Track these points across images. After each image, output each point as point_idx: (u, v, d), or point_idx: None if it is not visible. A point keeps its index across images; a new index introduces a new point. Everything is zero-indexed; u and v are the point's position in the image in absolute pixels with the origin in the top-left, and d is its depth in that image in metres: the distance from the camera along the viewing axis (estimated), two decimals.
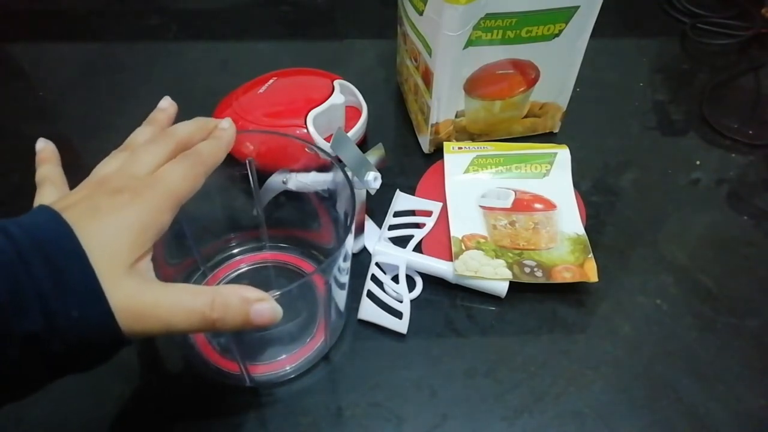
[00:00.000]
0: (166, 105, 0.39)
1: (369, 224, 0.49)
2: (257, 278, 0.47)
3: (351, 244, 0.42)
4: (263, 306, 0.29)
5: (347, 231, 0.37)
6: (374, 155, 0.46)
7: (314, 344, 0.43)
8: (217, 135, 0.36)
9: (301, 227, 0.49)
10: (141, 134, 0.36)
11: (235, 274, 0.47)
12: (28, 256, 0.26)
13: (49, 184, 0.34)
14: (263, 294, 0.30)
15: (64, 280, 0.26)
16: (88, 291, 0.26)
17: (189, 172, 0.32)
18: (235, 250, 0.48)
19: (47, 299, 0.25)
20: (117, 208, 0.29)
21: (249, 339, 0.42)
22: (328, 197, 0.43)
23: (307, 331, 0.43)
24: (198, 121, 0.37)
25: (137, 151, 0.33)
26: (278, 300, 0.31)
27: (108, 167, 0.33)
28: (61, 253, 0.26)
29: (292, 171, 0.44)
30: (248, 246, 0.48)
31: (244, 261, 0.47)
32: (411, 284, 0.46)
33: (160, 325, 0.28)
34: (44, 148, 0.37)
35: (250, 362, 0.41)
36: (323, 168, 0.42)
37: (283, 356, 0.42)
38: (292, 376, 0.41)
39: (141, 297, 0.28)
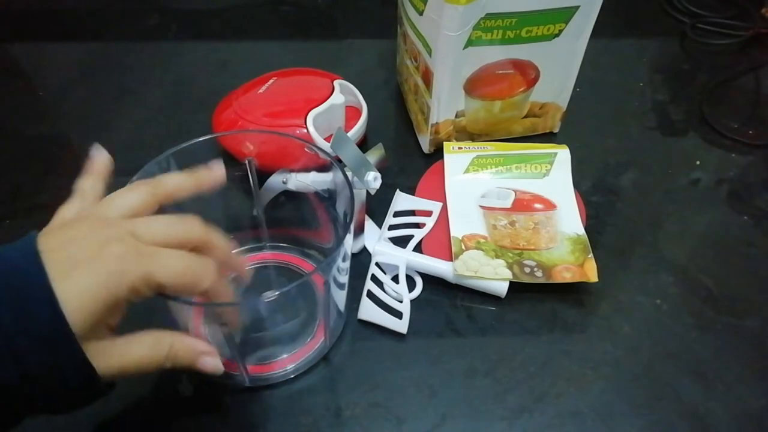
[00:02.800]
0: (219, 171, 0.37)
1: (369, 224, 0.49)
2: (257, 278, 0.47)
3: (350, 244, 0.42)
4: (207, 359, 0.33)
5: (346, 230, 0.37)
6: (374, 155, 0.46)
7: (314, 344, 0.43)
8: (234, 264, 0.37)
9: (301, 227, 0.49)
10: (172, 178, 0.35)
11: (235, 273, 0.47)
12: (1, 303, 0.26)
13: (79, 199, 0.34)
14: (212, 349, 0.33)
15: (39, 330, 0.26)
16: (63, 341, 0.27)
17: (188, 272, 0.31)
18: (235, 250, 0.48)
19: (18, 350, 0.26)
20: (97, 259, 0.28)
21: (248, 340, 0.42)
22: (327, 197, 0.43)
23: (306, 331, 0.43)
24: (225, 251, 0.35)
25: (158, 217, 0.32)
26: (277, 300, 0.31)
27: (124, 201, 0.32)
28: (35, 302, 0.27)
29: (292, 171, 0.44)
30: (248, 246, 0.48)
31: (244, 261, 0.47)
32: (411, 284, 0.46)
33: (121, 374, 0.30)
34: (97, 158, 0.36)
35: (250, 362, 0.41)
36: (323, 168, 0.42)
37: (284, 356, 0.42)
38: (292, 376, 0.41)
39: (107, 352, 0.29)
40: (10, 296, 0.26)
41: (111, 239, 0.29)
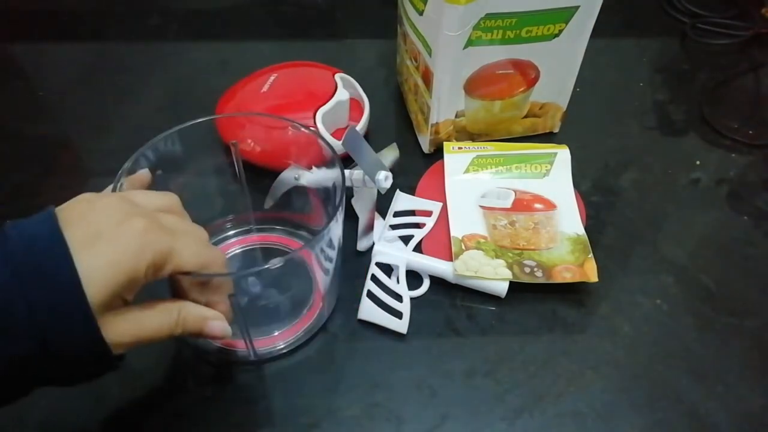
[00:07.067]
0: None
1: (378, 223, 0.49)
2: (248, 258, 0.48)
3: (337, 234, 0.42)
4: (215, 323, 0.34)
5: (334, 215, 0.37)
6: (388, 155, 0.46)
7: (312, 314, 0.44)
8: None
9: (291, 210, 0.49)
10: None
11: (229, 255, 0.48)
12: (22, 275, 0.26)
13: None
14: (218, 314, 0.34)
15: (58, 303, 0.26)
16: (80, 316, 0.27)
17: (203, 254, 0.32)
18: (230, 232, 0.49)
19: (38, 323, 0.26)
20: (120, 232, 0.29)
21: (247, 311, 0.42)
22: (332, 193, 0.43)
23: (303, 304, 0.44)
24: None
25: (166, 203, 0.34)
26: (272, 273, 0.34)
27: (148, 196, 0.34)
28: (55, 274, 0.27)
29: (302, 167, 0.45)
30: (240, 229, 0.49)
31: (237, 243, 0.49)
32: (417, 283, 0.46)
33: (135, 342, 0.30)
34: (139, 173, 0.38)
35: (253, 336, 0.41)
36: (329, 164, 0.42)
37: (283, 329, 0.43)
38: (293, 347, 0.42)
39: (122, 322, 0.29)
40: (30, 268, 0.26)
41: (134, 214, 0.29)
